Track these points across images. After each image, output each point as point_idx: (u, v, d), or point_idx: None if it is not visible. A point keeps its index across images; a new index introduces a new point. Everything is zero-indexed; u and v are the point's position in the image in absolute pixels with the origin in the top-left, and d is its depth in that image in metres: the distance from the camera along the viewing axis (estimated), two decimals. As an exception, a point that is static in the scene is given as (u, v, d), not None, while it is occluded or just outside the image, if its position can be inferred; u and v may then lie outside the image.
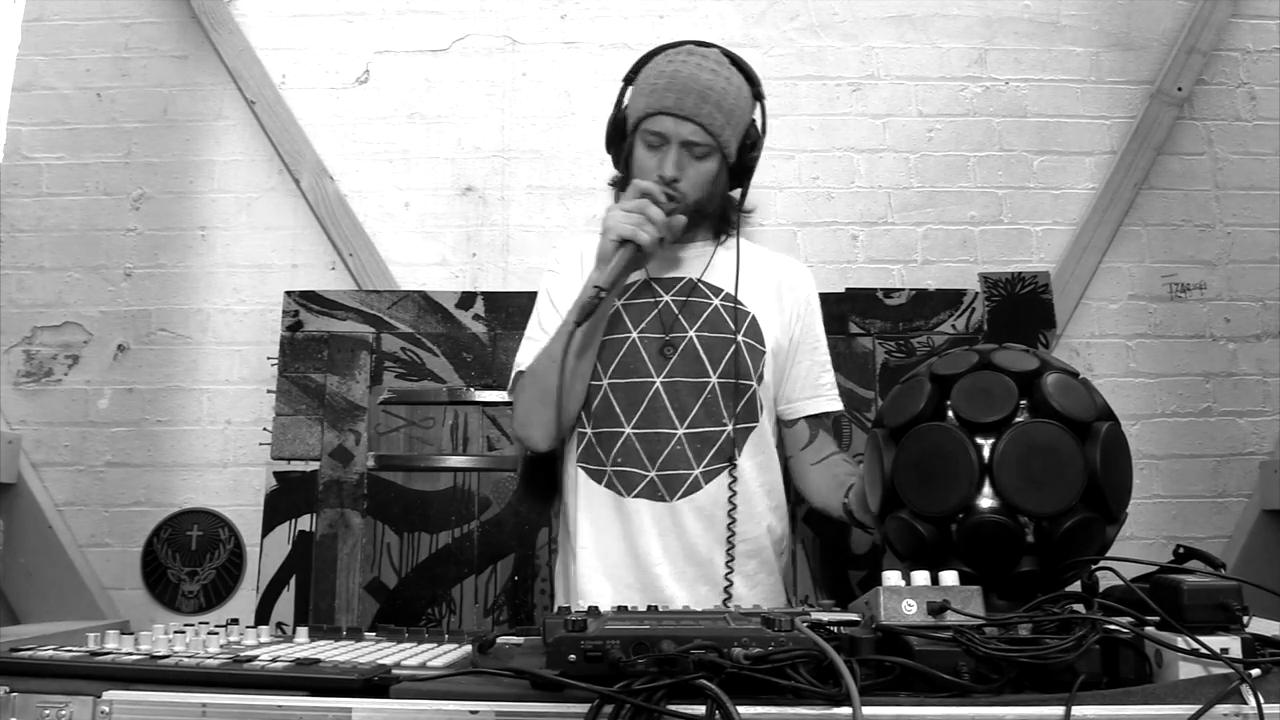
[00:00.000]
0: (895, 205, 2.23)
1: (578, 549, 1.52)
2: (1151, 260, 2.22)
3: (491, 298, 2.09)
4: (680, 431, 1.43)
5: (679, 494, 1.42)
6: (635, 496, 1.43)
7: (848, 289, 2.12)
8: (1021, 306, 2.11)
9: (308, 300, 2.09)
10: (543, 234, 2.20)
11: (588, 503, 1.48)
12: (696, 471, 1.42)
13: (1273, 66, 2.28)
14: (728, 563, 1.40)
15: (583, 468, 1.50)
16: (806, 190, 2.23)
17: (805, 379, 1.55)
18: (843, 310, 2.07)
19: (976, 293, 2.12)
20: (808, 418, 1.55)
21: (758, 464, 1.47)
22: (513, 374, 1.54)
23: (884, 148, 2.25)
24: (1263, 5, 2.30)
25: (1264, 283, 2.21)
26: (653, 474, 1.42)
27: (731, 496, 1.41)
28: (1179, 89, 2.24)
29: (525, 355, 1.53)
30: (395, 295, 2.10)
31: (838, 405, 1.57)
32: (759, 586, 1.46)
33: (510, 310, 2.08)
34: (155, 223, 2.23)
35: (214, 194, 2.24)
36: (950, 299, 2.10)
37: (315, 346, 2.06)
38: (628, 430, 1.44)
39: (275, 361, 2.06)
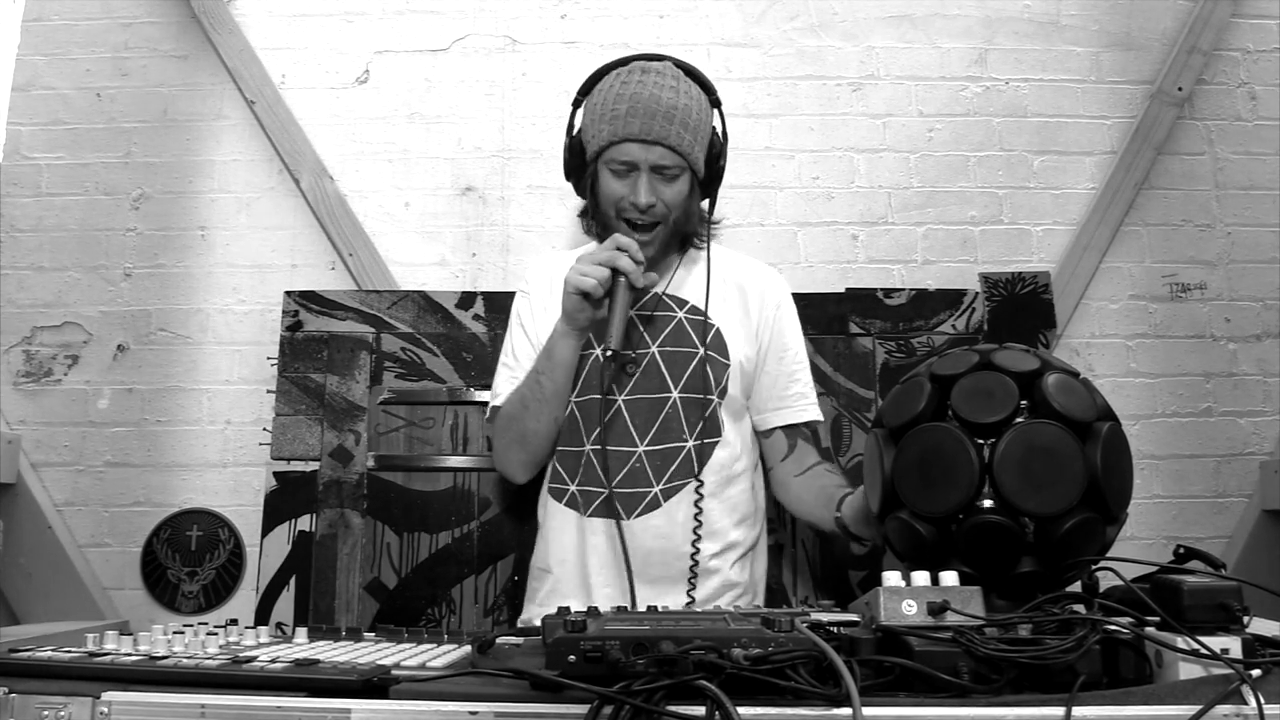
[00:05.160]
0: (895, 205, 2.23)
1: (533, 566, 1.53)
2: (1152, 260, 2.22)
3: (491, 298, 2.08)
4: (640, 449, 1.40)
5: (636, 512, 1.39)
6: (591, 515, 1.41)
7: (848, 289, 2.12)
8: (1022, 306, 2.11)
9: (308, 300, 2.09)
10: (543, 234, 2.20)
11: (549, 521, 1.48)
12: (656, 489, 1.39)
13: (1273, 66, 2.28)
14: (687, 579, 1.35)
15: (549, 487, 1.49)
16: (806, 190, 2.23)
17: (772, 389, 1.50)
18: (843, 310, 2.06)
19: (977, 293, 2.11)
20: (783, 428, 1.50)
21: (721, 479, 1.43)
22: (490, 405, 1.53)
23: (884, 148, 2.25)
24: (1263, 5, 2.30)
25: (1264, 283, 2.21)
26: (611, 492, 1.38)
27: (694, 514, 1.36)
28: (1179, 89, 2.23)
29: (501, 386, 1.51)
30: (395, 295, 2.09)
31: (809, 415, 1.51)
32: (721, 604, 1.43)
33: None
34: (155, 223, 2.23)
35: (214, 194, 2.24)
36: (950, 299, 2.10)
37: (315, 346, 2.05)
38: (586, 448, 1.42)
39: (275, 361, 2.06)
